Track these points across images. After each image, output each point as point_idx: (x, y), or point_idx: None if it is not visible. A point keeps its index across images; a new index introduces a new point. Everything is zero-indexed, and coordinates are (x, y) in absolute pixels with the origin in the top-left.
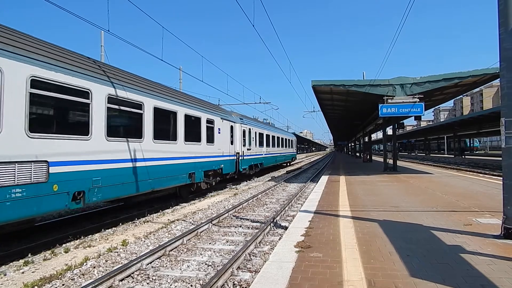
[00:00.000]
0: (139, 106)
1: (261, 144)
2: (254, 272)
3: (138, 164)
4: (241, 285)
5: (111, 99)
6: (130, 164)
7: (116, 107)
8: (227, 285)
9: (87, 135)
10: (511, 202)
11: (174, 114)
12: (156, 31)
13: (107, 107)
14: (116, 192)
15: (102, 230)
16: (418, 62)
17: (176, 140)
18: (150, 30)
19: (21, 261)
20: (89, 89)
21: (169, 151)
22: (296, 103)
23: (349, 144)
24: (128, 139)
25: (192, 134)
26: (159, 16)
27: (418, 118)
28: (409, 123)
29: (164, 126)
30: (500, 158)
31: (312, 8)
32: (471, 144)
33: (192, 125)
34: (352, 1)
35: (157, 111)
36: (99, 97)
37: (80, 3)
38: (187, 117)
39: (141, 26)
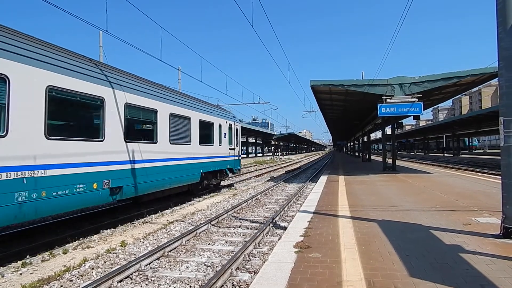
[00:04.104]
0: None
1: None
2: (253, 273)
3: None
4: (240, 286)
5: None
6: None
7: None
8: (226, 286)
9: None
10: (510, 201)
11: None
12: (155, 32)
13: None
14: None
15: (101, 231)
16: (418, 62)
17: None
18: (149, 32)
19: (19, 262)
20: None
21: None
22: (296, 103)
23: (348, 144)
24: None
25: None
26: (158, 18)
27: (417, 117)
28: (408, 123)
29: None
30: (499, 157)
31: (311, 8)
32: (470, 143)
33: None
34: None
35: None
36: None
37: (78, 4)
38: None
39: (140, 28)
